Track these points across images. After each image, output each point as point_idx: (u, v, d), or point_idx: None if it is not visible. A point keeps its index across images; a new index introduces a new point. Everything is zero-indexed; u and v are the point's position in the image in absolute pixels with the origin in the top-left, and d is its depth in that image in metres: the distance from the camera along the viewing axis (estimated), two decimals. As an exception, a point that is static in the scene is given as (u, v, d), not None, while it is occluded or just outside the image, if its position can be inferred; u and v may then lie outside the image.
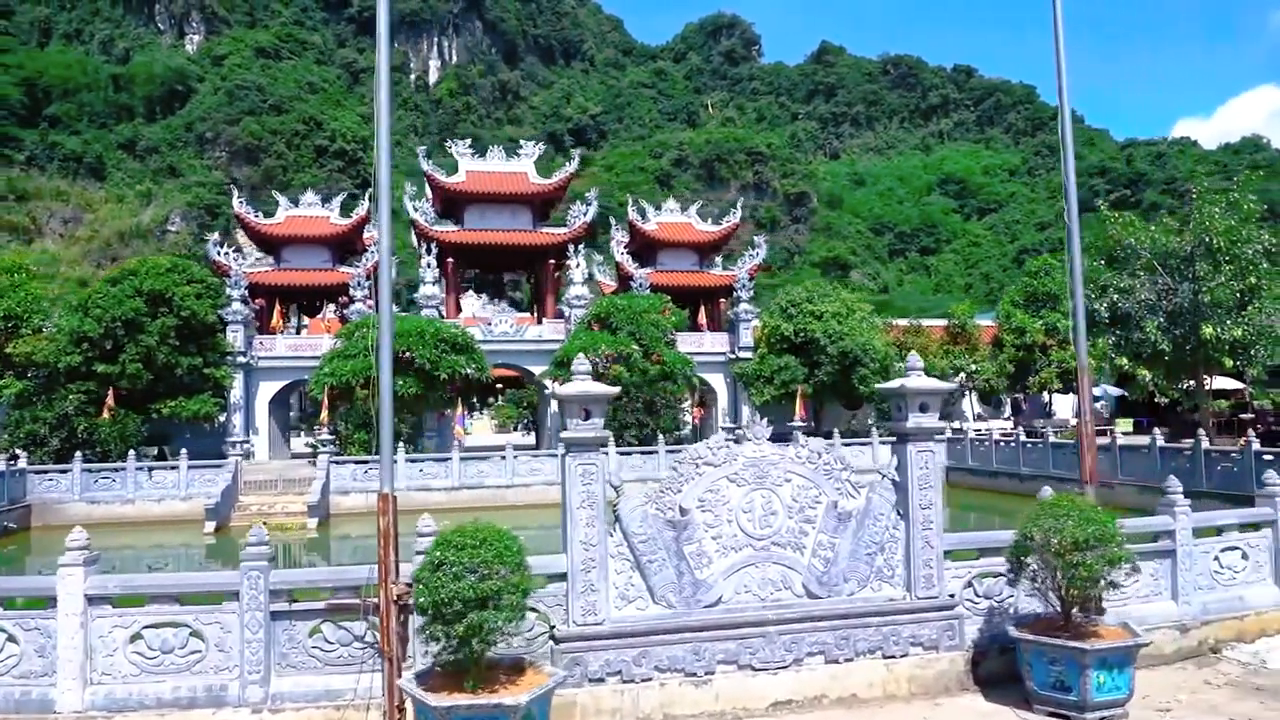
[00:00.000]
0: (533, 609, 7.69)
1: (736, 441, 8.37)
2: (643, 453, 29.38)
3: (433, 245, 38.43)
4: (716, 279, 43.32)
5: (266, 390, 37.81)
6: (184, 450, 26.93)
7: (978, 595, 8.63)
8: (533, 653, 7.41)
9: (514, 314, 40.85)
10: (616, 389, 8.53)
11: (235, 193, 42.45)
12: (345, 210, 42.00)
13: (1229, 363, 30.32)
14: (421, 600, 6.38)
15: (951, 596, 8.46)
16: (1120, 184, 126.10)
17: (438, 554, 6.53)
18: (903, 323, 44.32)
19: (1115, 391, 42.96)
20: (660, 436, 29.96)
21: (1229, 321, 28.87)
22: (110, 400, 29.26)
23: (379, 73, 7.40)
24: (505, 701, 6.27)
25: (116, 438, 28.11)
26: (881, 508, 8.36)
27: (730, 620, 7.85)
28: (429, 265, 38.06)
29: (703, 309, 43.42)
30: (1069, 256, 9.83)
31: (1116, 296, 31.83)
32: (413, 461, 27.64)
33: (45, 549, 21.94)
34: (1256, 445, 20.08)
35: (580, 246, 40.21)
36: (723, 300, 43.90)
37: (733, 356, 41.26)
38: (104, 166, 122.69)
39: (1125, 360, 31.81)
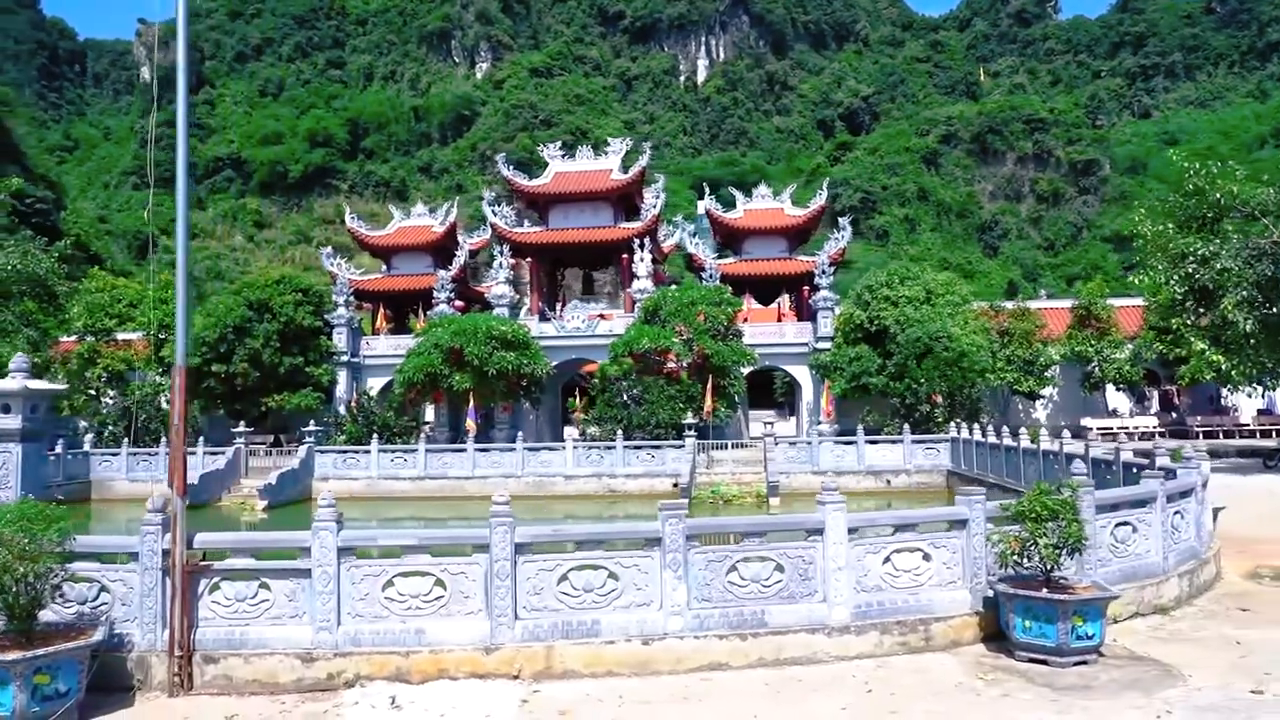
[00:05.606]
0: None
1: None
2: (604, 447, 28.91)
3: (505, 246, 40.37)
4: (800, 266, 40.73)
5: (373, 385, 42.07)
6: (201, 439, 31.30)
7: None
8: None
9: (587, 309, 41.51)
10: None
11: (348, 209, 47.49)
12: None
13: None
14: None
15: None
16: None
17: None
18: (1009, 305, 38.46)
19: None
20: (620, 432, 29.18)
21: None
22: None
23: None
24: None
25: (168, 427, 33.38)
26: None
27: None
28: (500, 265, 40.14)
29: (787, 297, 41.10)
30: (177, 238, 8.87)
31: (1194, 268, 25.60)
32: (384, 452, 29.63)
33: (101, 517, 27.15)
34: (1045, 444, 15.74)
35: (647, 240, 39.95)
36: (806, 288, 41.16)
37: (814, 347, 38.70)
38: (406, 189, 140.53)
39: (1203, 344, 25.55)
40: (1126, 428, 35.87)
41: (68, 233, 58.07)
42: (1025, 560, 8.70)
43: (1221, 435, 35.24)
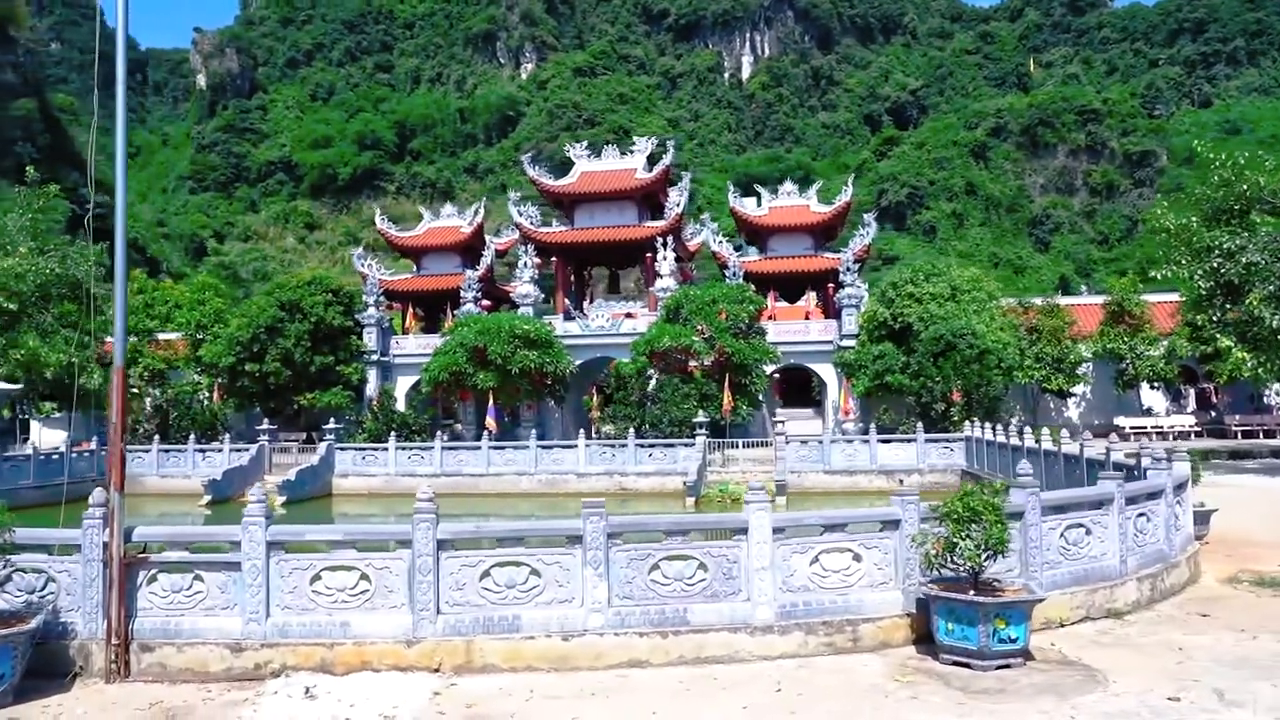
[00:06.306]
0: None
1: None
2: (616, 445, 29.06)
3: (530, 245, 40.75)
4: (826, 263, 40.37)
5: (403, 383, 42.73)
6: (225, 437, 32.19)
7: None
8: None
9: (611, 308, 41.70)
10: None
11: (378, 212, 48.29)
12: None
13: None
14: None
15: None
16: None
17: None
18: (1038, 302, 37.60)
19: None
20: (632, 430, 29.27)
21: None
22: (217, 394, 35.72)
23: None
24: None
25: (198, 424, 34.55)
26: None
27: None
28: (525, 265, 40.51)
29: (813, 295, 40.75)
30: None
31: (1220, 262, 24.83)
32: (401, 449, 30.15)
33: (130, 510, 28.11)
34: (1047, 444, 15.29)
35: (670, 238, 39.96)
36: (832, 285, 40.75)
37: (839, 345, 38.37)
38: (452, 189, 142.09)
39: (1228, 341, 24.80)
40: (1161, 427, 34.88)
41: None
42: (951, 562, 8.61)
43: (1261, 435, 34.07)
